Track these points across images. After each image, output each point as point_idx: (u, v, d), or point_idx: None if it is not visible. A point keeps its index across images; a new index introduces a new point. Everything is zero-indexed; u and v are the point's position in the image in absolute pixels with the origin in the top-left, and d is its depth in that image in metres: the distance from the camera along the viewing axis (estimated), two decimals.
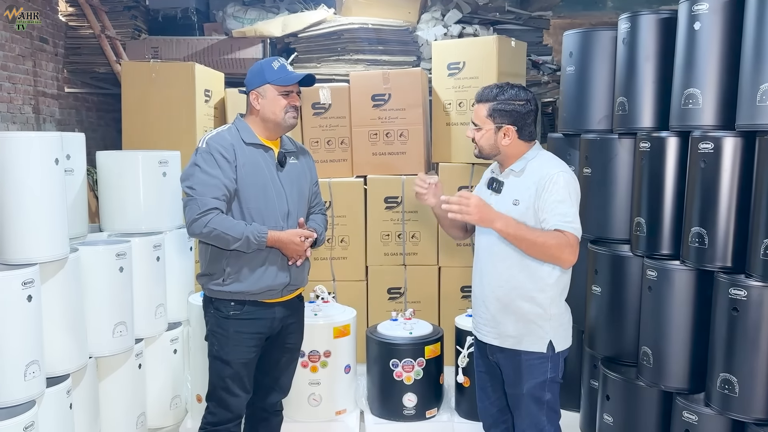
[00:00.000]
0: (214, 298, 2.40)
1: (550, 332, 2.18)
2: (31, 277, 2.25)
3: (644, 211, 2.62)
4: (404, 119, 3.87)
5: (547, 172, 2.13)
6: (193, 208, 2.26)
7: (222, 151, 2.30)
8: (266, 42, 4.97)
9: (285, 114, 2.36)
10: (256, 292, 2.36)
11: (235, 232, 2.24)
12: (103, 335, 2.69)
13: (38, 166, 2.31)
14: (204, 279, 2.43)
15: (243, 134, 2.38)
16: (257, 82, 2.38)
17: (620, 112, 2.75)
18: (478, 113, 2.22)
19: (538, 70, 5.28)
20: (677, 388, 2.49)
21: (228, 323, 2.38)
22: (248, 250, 2.28)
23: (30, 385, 2.26)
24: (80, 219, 2.88)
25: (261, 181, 2.35)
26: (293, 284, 2.45)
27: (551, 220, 2.09)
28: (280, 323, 2.46)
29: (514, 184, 2.21)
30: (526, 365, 2.18)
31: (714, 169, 2.31)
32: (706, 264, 2.35)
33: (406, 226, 3.89)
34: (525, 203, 2.15)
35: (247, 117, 2.44)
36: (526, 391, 2.18)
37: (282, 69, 2.38)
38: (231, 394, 2.40)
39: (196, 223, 2.25)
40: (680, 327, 2.46)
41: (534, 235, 2.08)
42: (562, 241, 2.06)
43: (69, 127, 5.22)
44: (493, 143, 2.22)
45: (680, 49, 2.45)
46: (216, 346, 2.41)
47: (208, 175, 2.27)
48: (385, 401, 3.13)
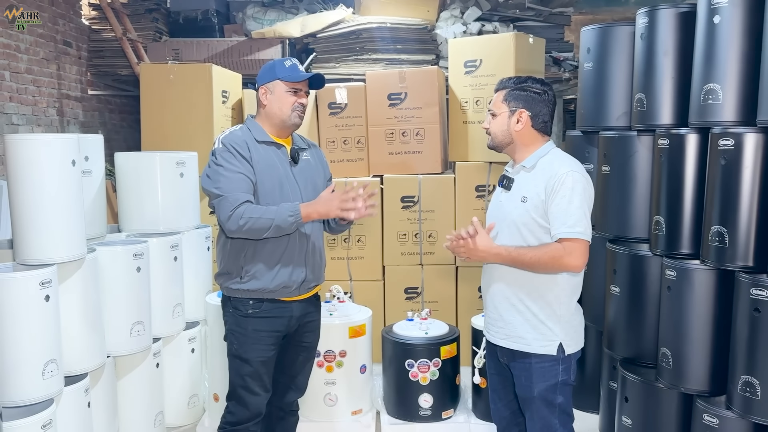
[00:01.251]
0: (233, 297, 2.43)
1: (560, 334, 2.15)
2: (48, 277, 2.29)
3: (663, 209, 2.57)
4: (420, 118, 3.85)
5: (556, 172, 2.11)
6: (225, 206, 2.27)
7: (238, 148, 2.33)
8: (285, 42, 5.00)
9: (291, 112, 2.38)
10: (274, 290, 2.37)
11: (269, 213, 2.25)
12: (121, 334, 2.72)
13: (55, 168, 2.35)
14: (222, 278, 2.45)
15: (255, 133, 2.40)
16: (267, 77, 2.41)
17: (639, 108, 2.70)
18: (496, 100, 2.24)
19: (559, 66, 5.22)
20: (697, 391, 2.43)
21: (247, 322, 2.40)
22: (287, 227, 2.26)
23: (48, 384, 2.30)
24: (99, 220, 2.91)
25: (276, 178, 2.37)
26: (309, 280, 2.45)
27: (556, 227, 2.08)
28: (297, 321, 2.48)
29: (523, 181, 2.19)
30: (537, 368, 2.15)
31: (735, 166, 2.24)
32: (726, 264, 2.29)
33: (423, 226, 3.87)
34: (533, 201, 2.12)
35: (257, 116, 2.47)
36: (537, 394, 2.15)
37: (293, 68, 2.41)
38: (251, 392, 2.41)
39: (231, 219, 2.25)
40: (700, 328, 2.40)
41: (529, 256, 2.08)
42: (558, 254, 2.05)
43: (92, 129, 5.30)
44: (506, 129, 2.21)
45: (699, 43, 2.39)
46: (235, 345, 2.43)
47: (232, 171, 2.30)
48: (400, 402, 3.12)
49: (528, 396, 2.18)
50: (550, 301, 2.14)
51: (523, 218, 2.13)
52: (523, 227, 2.14)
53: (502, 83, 2.25)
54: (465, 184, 3.85)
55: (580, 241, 2.06)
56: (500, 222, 2.21)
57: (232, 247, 2.39)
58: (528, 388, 2.17)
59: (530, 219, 2.11)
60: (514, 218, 2.16)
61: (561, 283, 2.14)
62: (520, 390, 2.22)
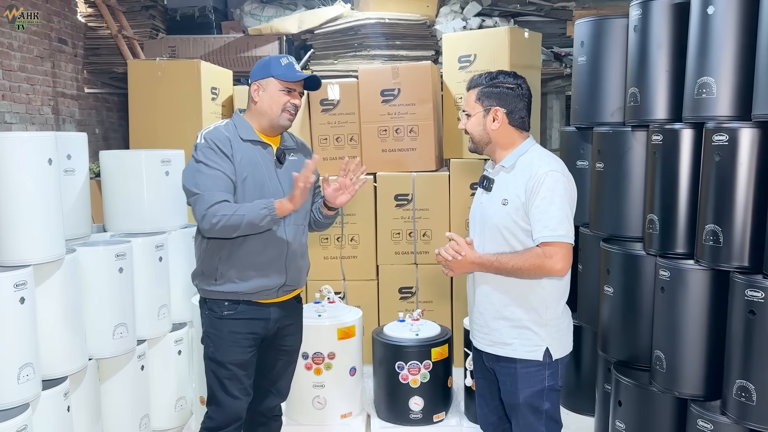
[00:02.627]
0: (208, 298, 2.36)
1: (546, 339, 2.07)
2: (23, 279, 2.24)
3: (657, 207, 2.48)
4: (414, 114, 3.78)
5: (535, 172, 2.02)
6: (201, 204, 2.20)
7: (220, 144, 2.25)
8: (282, 39, 4.95)
9: (281, 112, 2.30)
10: (249, 292, 2.31)
11: (242, 209, 2.17)
12: (104, 337, 2.67)
13: (31, 167, 2.30)
14: (197, 278, 2.39)
15: (240, 130, 2.32)
16: (261, 74, 2.32)
17: (632, 103, 2.61)
18: (468, 100, 2.15)
19: (561, 62, 5.13)
20: (691, 395, 2.35)
21: (222, 323, 2.33)
22: (260, 222, 2.16)
23: (24, 388, 2.24)
24: (83, 219, 2.86)
25: (258, 179, 2.29)
26: (289, 285, 2.38)
27: (537, 231, 2.00)
28: (276, 324, 2.40)
29: (504, 182, 2.10)
30: (522, 373, 2.07)
31: (729, 163, 2.16)
32: (721, 264, 2.20)
33: (417, 224, 3.80)
34: (513, 204, 2.04)
35: (246, 112, 2.39)
36: (523, 400, 2.08)
37: (289, 66, 2.32)
38: (230, 396, 2.35)
39: (206, 218, 2.18)
40: (694, 330, 2.31)
41: (511, 264, 2.01)
42: (538, 261, 1.97)
43: (89, 128, 5.27)
44: (483, 128, 2.12)
45: (693, 35, 2.30)
46: (211, 348, 2.37)
47: (211, 169, 2.22)
48: (391, 404, 3.06)
49: (514, 402, 2.11)
50: (536, 306, 2.07)
51: (505, 222, 2.05)
52: (505, 230, 2.06)
53: (473, 81, 2.15)
54: (460, 181, 3.78)
55: (562, 244, 1.98)
56: (482, 225, 2.13)
57: (208, 248, 2.32)
58: (513, 394, 2.10)
59: (512, 222, 2.04)
60: (495, 222, 2.08)
61: (547, 287, 2.07)
62: (506, 396, 2.14)
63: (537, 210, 1.99)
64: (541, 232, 1.99)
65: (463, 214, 3.75)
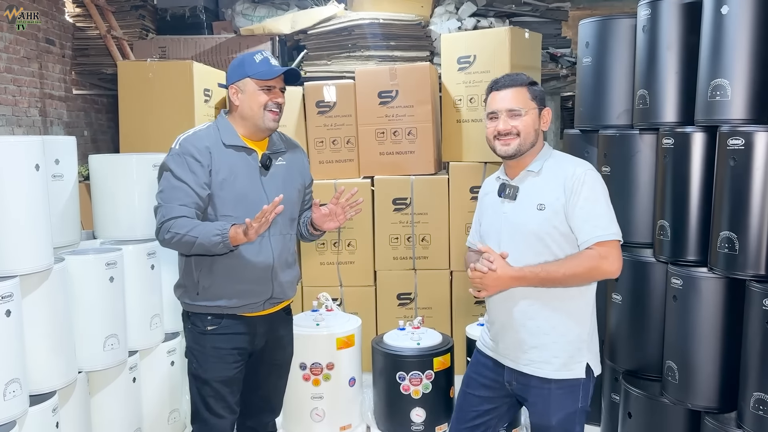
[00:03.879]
0: (191, 312, 2.24)
1: (586, 354, 1.94)
2: (9, 291, 2.13)
3: (668, 213, 2.42)
4: (412, 116, 3.70)
5: (573, 172, 1.90)
6: (158, 216, 2.11)
7: (195, 153, 2.11)
8: (275, 39, 4.85)
9: (264, 112, 2.15)
10: (234, 306, 2.18)
11: (195, 231, 2.04)
12: (94, 349, 2.57)
13: (16, 173, 2.18)
14: (179, 291, 2.27)
15: (224, 135, 2.17)
16: (237, 75, 2.18)
17: (641, 105, 2.55)
18: (520, 97, 1.96)
19: (557, 63, 5.07)
20: (706, 407, 2.28)
21: (205, 339, 2.20)
22: (213, 248, 2.03)
23: (10, 405, 2.14)
24: (72, 227, 2.75)
25: (239, 188, 2.14)
26: (276, 297, 2.24)
27: (586, 232, 1.87)
28: (264, 338, 2.27)
29: (534, 187, 1.96)
30: (557, 393, 1.93)
31: (745, 167, 2.09)
32: (736, 272, 2.14)
33: (415, 229, 3.72)
34: (552, 207, 1.90)
35: (230, 115, 2.24)
36: (556, 423, 1.93)
37: (265, 62, 2.17)
38: (215, 415, 2.22)
39: (160, 231, 2.09)
40: (708, 340, 2.25)
41: (561, 272, 1.86)
42: (594, 263, 1.85)
43: (77, 130, 5.15)
44: (537, 128, 1.98)
45: (706, 35, 2.24)
46: (194, 364, 2.24)
47: (177, 180, 2.09)
48: (392, 416, 2.97)
49: (545, 425, 1.96)
50: (580, 319, 1.94)
51: (544, 227, 1.91)
52: (547, 237, 1.91)
53: (518, 79, 1.99)
54: (459, 185, 3.70)
55: (615, 243, 1.87)
56: (514, 235, 1.96)
57: (189, 259, 2.19)
58: (545, 416, 1.95)
59: (551, 227, 1.90)
60: (532, 229, 1.92)
61: (586, 296, 1.95)
62: (536, 418, 1.99)
63: (583, 211, 1.87)
64: (593, 232, 1.86)
65: (463, 218, 3.67)
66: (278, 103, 2.19)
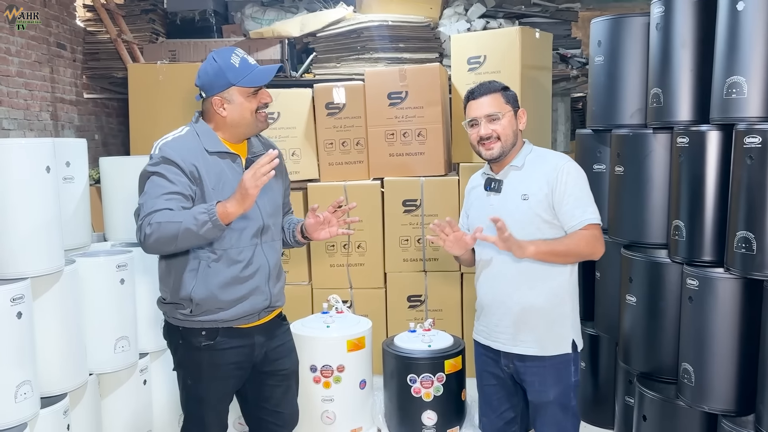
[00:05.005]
0: (182, 327, 2.09)
1: (571, 330, 2.14)
2: (20, 292, 2.13)
3: (683, 213, 2.38)
4: (422, 118, 3.68)
5: (555, 163, 2.09)
6: (138, 215, 1.96)
7: (179, 160, 1.97)
8: (284, 42, 4.85)
9: (257, 116, 2.06)
10: (231, 319, 2.07)
11: (178, 216, 1.87)
12: (104, 351, 2.57)
13: (27, 175, 2.19)
14: (167, 307, 2.12)
15: (205, 141, 2.04)
16: (220, 85, 2.02)
17: (655, 104, 2.51)
18: (495, 102, 2.14)
19: (567, 63, 5.03)
20: (723, 410, 2.24)
21: (201, 355, 2.07)
22: (200, 229, 1.84)
23: (22, 407, 2.13)
24: (83, 229, 2.75)
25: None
26: (273, 305, 2.18)
27: (577, 215, 2.05)
28: (263, 349, 2.17)
29: (517, 179, 2.14)
30: (552, 371, 2.11)
31: (762, 166, 2.05)
32: (753, 272, 2.10)
33: (426, 230, 3.69)
34: (536, 197, 2.08)
35: (210, 121, 2.09)
36: (554, 398, 2.10)
37: (245, 65, 2.02)
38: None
39: (141, 229, 1.91)
40: (725, 342, 2.21)
41: (564, 245, 2.06)
42: (591, 240, 2.06)
43: (89, 134, 5.17)
44: (516, 129, 2.17)
45: (721, 32, 2.21)
46: (189, 381, 2.13)
47: (162, 177, 1.96)
48: (403, 419, 2.94)
49: (544, 401, 2.12)
50: (562, 298, 2.12)
51: (528, 215, 2.09)
52: (530, 225, 2.09)
53: (491, 86, 2.16)
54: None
55: (598, 226, 2.08)
56: None
57: (177, 275, 2.05)
58: (543, 392, 2.12)
59: (534, 215, 2.07)
60: (518, 217, 2.09)
61: (568, 277, 2.13)
62: (535, 395, 2.14)
63: (571, 197, 2.05)
64: (582, 215, 2.05)
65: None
66: (267, 104, 2.10)
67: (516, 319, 2.12)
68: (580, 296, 3.14)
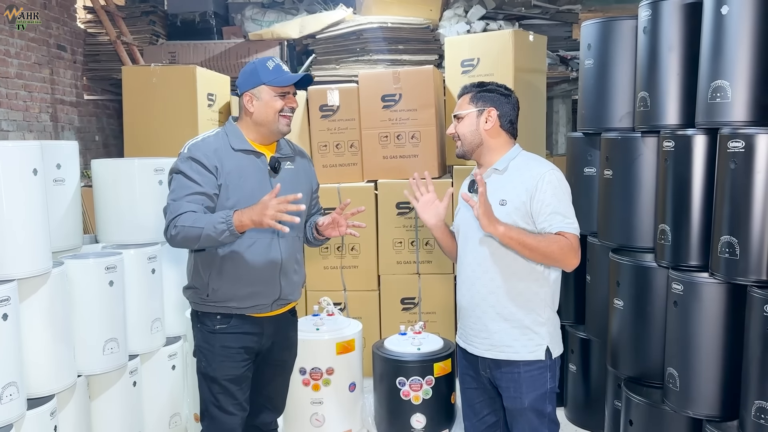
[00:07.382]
0: (200, 311, 2.29)
1: (546, 338, 2.07)
2: (6, 294, 2.14)
3: (669, 217, 2.37)
4: (416, 120, 3.68)
5: (536, 171, 2.03)
6: (167, 215, 2.14)
7: (203, 158, 2.16)
8: (284, 44, 4.87)
9: (279, 118, 2.21)
10: (243, 306, 2.23)
11: (200, 221, 2.06)
12: (93, 353, 2.57)
13: (14, 177, 2.20)
14: (189, 292, 2.32)
15: (232, 140, 2.23)
16: (251, 83, 2.22)
17: (642, 108, 2.50)
18: (461, 103, 2.16)
19: (567, 66, 5.02)
20: (707, 415, 2.23)
21: (214, 338, 2.25)
22: (219, 236, 2.03)
23: (7, 409, 2.14)
24: (73, 231, 2.77)
25: (249, 191, 2.18)
26: (284, 298, 2.30)
27: (552, 223, 1.99)
28: (270, 339, 2.32)
29: (498, 183, 2.09)
30: (526, 377, 2.06)
31: (746, 170, 2.04)
32: (737, 277, 2.09)
33: (419, 233, 3.70)
34: (513, 203, 2.03)
35: (240, 121, 2.29)
36: (528, 404, 2.06)
37: (277, 69, 2.22)
38: (224, 411, 2.27)
39: (168, 230, 2.12)
40: (709, 347, 2.20)
41: (536, 240, 1.98)
42: (565, 246, 1.97)
43: (89, 135, 5.21)
44: (475, 129, 2.12)
45: (706, 36, 2.20)
46: (203, 362, 2.29)
47: (187, 178, 2.14)
48: (392, 422, 2.95)
49: (518, 407, 2.08)
50: (535, 306, 2.07)
51: (505, 221, 2.02)
52: None
53: (465, 88, 2.18)
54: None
55: (576, 238, 2.00)
56: (477, 228, 2.06)
57: (197, 263, 2.25)
58: (518, 399, 2.08)
59: (512, 221, 2.02)
60: None
61: (545, 286, 2.07)
62: (510, 402, 2.10)
63: (548, 207, 1.99)
64: (559, 224, 1.98)
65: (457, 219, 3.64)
66: (292, 108, 2.24)
67: (489, 324, 2.09)
68: (571, 300, 3.19)
